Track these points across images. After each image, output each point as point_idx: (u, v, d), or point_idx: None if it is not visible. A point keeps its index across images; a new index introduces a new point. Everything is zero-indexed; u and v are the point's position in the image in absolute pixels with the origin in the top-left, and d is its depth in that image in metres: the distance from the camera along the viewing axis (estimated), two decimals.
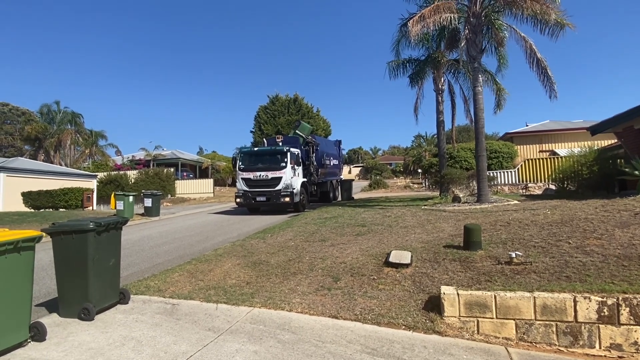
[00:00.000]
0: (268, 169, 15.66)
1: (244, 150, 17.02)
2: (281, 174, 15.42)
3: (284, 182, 15.34)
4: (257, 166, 16.05)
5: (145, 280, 5.95)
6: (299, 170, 16.54)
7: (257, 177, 15.72)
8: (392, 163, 69.33)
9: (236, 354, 3.54)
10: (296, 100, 41.11)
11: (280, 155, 15.84)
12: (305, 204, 16.66)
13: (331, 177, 21.40)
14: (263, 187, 15.59)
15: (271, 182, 15.46)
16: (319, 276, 5.74)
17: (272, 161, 15.92)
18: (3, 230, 3.89)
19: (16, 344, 3.72)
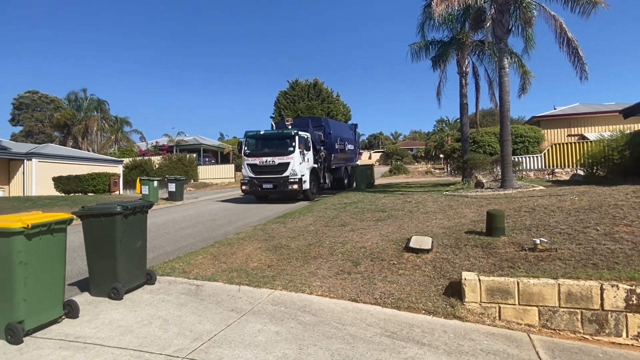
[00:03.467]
0: (275, 154, 14.60)
1: (250, 134, 15.51)
2: (289, 159, 14.32)
3: (291, 168, 14.23)
4: (263, 151, 15.09)
5: (170, 262, 6.14)
6: (309, 156, 15.33)
7: (263, 163, 14.66)
8: (413, 148, 68.44)
9: (259, 334, 3.64)
10: (316, 85, 40.80)
11: (288, 139, 14.67)
12: (315, 192, 15.73)
13: (346, 163, 20.09)
14: (270, 173, 14.55)
15: (278, 168, 14.40)
16: (339, 260, 5.79)
17: (280, 146, 14.82)
18: (37, 213, 4.07)
19: (51, 320, 3.93)
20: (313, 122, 17.75)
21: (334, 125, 18.90)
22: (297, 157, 14.42)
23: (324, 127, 17.60)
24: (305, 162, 14.89)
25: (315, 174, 15.80)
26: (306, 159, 15.02)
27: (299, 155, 14.48)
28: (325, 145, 17.19)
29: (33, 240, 3.64)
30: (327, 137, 17.38)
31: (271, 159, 14.60)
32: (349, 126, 23.14)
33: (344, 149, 19.37)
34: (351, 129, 22.43)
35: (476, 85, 17.91)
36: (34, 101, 51.25)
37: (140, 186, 16.86)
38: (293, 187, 14.23)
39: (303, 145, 14.78)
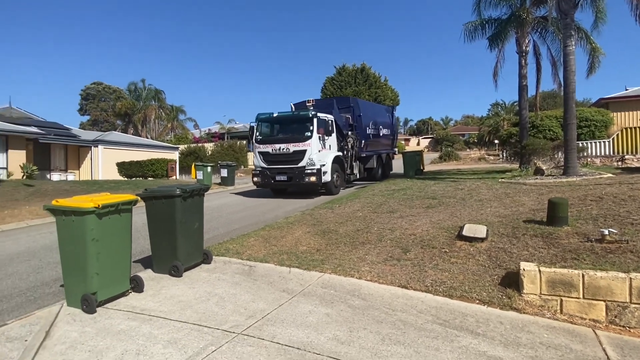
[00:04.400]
0: (289, 141, 12.41)
1: (262, 117, 13.23)
2: (305, 146, 12.13)
3: (308, 157, 12.06)
4: (276, 137, 13.05)
5: (224, 243, 6.41)
6: (331, 142, 13.19)
7: (276, 151, 12.56)
8: (465, 134, 65.73)
9: (309, 314, 3.72)
10: (363, 70, 40.14)
11: (305, 122, 12.42)
12: (340, 184, 13.46)
13: (380, 150, 17.61)
14: (283, 163, 12.46)
15: (293, 157, 12.24)
16: (388, 247, 5.73)
17: (295, 130, 12.69)
18: (106, 195, 4.40)
19: (120, 294, 4.26)
20: (339, 102, 15.36)
21: (365, 107, 16.51)
22: (316, 144, 12.21)
23: (352, 109, 15.18)
24: (325, 149, 12.71)
25: (339, 164, 13.59)
26: (327, 146, 12.87)
27: (317, 142, 12.26)
28: (355, 130, 14.96)
29: (103, 219, 3.94)
30: (357, 120, 15.10)
31: (285, 146, 12.43)
32: (384, 108, 20.29)
33: (377, 134, 17.15)
34: (387, 112, 19.66)
35: (537, 65, 16.69)
36: (98, 92, 55.00)
37: (195, 171, 17.70)
38: (310, 179, 11.99)
39: (323, 130, 12.51)
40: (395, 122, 20.75)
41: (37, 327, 3.59)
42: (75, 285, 3.99)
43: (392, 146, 19.79)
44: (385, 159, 18.43)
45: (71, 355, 3.10)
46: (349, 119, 14.90)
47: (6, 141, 18.72)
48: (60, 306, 4.06)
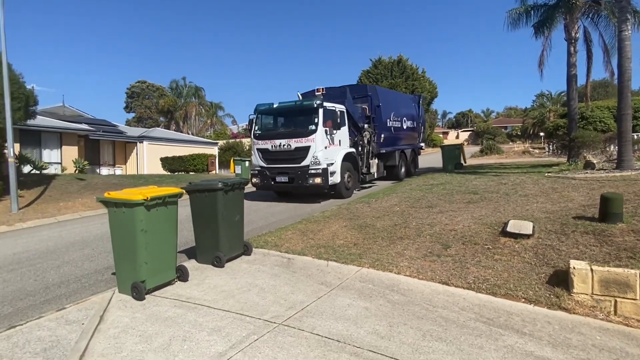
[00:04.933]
0: (291, 135, 10.60)
1: (261, 108, 11.53)
2: (309, 141, 10.26)
3: (312, 155, 10.20)
4: (276, 131, 11.31)
5: (263, 236, 6.54)
6: (342, 136, 11.25)
7: (276, 148, 10.73)
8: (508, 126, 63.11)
9: (348, 308, 3.73)
10: (400, 62, 39.39)
11: (309, 114, 10.53)
12: (352, 186, 11.62)
13: (403, 145, 15.66)
14: (284, 161, 10.63)
15: (295, 155, 10.43)
16: (427, 242, 5.63)
17: (298, 123, 10.91)
18: (153, 188, 4.60)
19: (166, 282, 4.46)
20: (354, 91, 13.27)
21: (385, 96, 14.41)
22: (321, 139, 10.32)
23: (370, 98, 13.21)
24: (334, 145, 10.84)
25: (352, 162, 11.66)
26: (337, 141, 10.98)
27: (323, 136, 10.41)
28: (373, 122, 13.13)
29: (151, 211, 4.13)
30: (375, 111, 13.26)
31: (286, 142, 10.57)
32: (410, 98, 18.13)
33: (400, 127, 15.19)
34: (413, 102, 17.57)
35: (588, 53, 15.71)
36: (142, 90, 57.41)
37: (234, 166, 18.15)
38: (315, 180, 10.12)
39: (331, 122, 10.64)
40: (423, 113, 18.55)
41: (92, 312, 3.83)
42: (125, 273, 4.22)
43: (419, 140, 17.86)
44: (409, 155, 16.46)
45: (123, 339, 3.28)
46: (366, 109, 13.04)
47: (60, 138, 20.01)
48: (112, 293, 4.31)
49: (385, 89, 16.59)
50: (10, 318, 4.04)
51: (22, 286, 5.02)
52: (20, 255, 6.60)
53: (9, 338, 3.35)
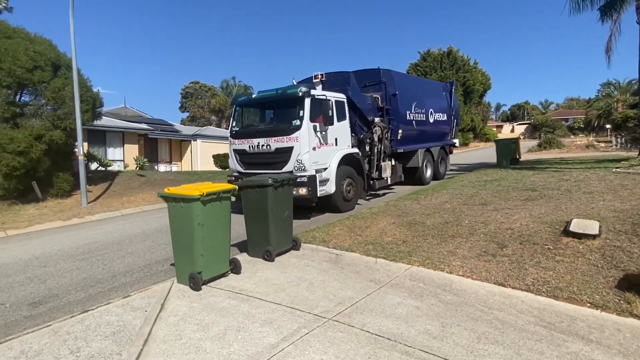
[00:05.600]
0: (270, 133, 8.48)
1: (239, 100, 9.57)
2: (291, 141, 8.12)
3: (296, 158, 8.05)
4: (255, 129, 9.15)
5: (311, 232, 6.62)
6: (340, 133, 8.93)
7: (254, 149, 8.65)
8: (569, 118, 58.94)
9: (398, 306, 3.68)
10: (450, 54, 38.08)
11: (292, 105, 8.39)
12: (354, 195, 9.23)
13: (429, 142, 12.96)
14: (264, 166, 8.46)
15: (276, 158, 8.34)
16: (481, 241, 5.41)
17: (280, 118, 9.02)
18: (208, 184, 4.81)
19: (220, 274, 4.65)
20: (363, 76, 10.85)
21: (404, 82, 11.93)
22: (307, 138, 8.05)
23: (384, 85, 10.74)
24: (326, 145, 8.53)
25: (354, 165, 9.34)
26: (331, 140, 8.65)
27: (310, 134, 8.12)
28: (388, 115, 10.70)
29: (207, 206, 4.32)
30: (391, 101, 10.79)
31: (265, 142, 8.45)
32: (439, 85, 15.21)
33: (425, 121, 12.62)
34: (444, 90, 14.71)
35: None
36: (196, 90, 59.99)
37: None
38: (299, 191, 7.75)
39: (322, 116, 8.38)
40: (456, 103, 15.68)
41: (154, 300, 4.08)
42: (183, 264, 4.46)
43: (451, 136, 14.99)
44: (437, 154, 13.67)
45: (182, 327, 3.47)
46: (378, 99, 10.63)
47: (122, 137, 21.46)
48: (171, 283, 4.57)
49: (404, 73, 12.75)
50: (84, 303, 4.42)
51: (92, 274, 5.47)
52: (90, 245, 7.18)
53: (82, 321, 3.66)
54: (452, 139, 15.21)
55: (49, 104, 12.14)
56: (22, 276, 5.54)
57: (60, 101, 12.01)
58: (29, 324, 3.93)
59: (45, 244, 7.47)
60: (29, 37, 12.22)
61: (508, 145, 16.90)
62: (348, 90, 9.51)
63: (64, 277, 5.40)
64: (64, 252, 6.80)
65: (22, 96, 12.57)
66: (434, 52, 38.52)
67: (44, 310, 4.32)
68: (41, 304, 4.51)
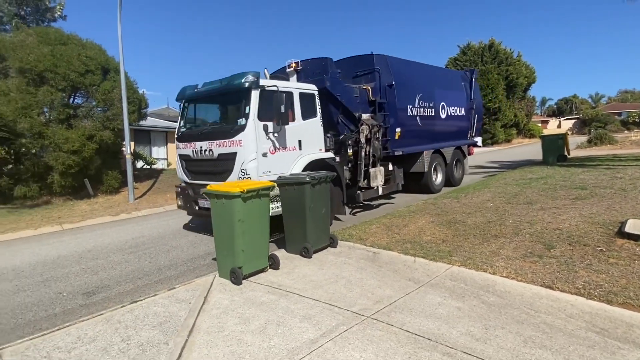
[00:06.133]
0: (213, 136, 6.83)
1: (185, 94, 7.67)
2: (234, 146, 6.45)
3: (240, 167, 6.40)
4: (199, 129, 7.36)
5: (348, 229, 6.61)
6: (306, 134, 7.22)
7: (197, 155, 7.08)
8: (623, 112, 55.23)
9: (439, 306, 3.60)
10: (491, 47, 36.66)
11: (238, 99, 6.67)
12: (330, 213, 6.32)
13: (439, 142, 10.84)
14: (209, 176, 6.90)
15: (219, 166, 6.74)
16: (527, 242, 5.19)
17: (225, 115, 7.46)
18: (248, 181, 4.93)
19: (259, 270, 4.75)
20: (351, 65, 9.22)
21: (404, 70, 9.64)
22: (253, 141, 6.32)
23: (377, 75, 8.95)
24: (285, 149, 6.79)
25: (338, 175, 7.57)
26: (292, 143, 6.91)
27: (259, 136, 6.37)
28: (383, 110, 8.90)
29: (247, 203, 4.42)
30: (386, 94, 8.97)
31: (208, 146, 6.85)
32: (456, 74, 12.98)
33: (434, 117, 10.51)
34: (463, 79, 12.48)
35: None
36: None
37: None
38: None
39: (278, 112, 6.40)
40: (478, 95, 13.23)
41: (197, 293, 4.24)
42: (225, 259, 4.59)
43: (471, 134, 12.72)
44: (451, 156, 11.43)
45: (224, 319, 3.58)
46: (369, 91, 8.81)
47: (166, 136, 22.36)
48: (213, 276, 4.72)
49: (405, 60, 10.08)
50: (132, 294, 4.67)
51: (139, 267, 5.76)
52: (137, 239, 7.55)
53: (132, 311, 3.86)
54: (473, 137, 12.86)
55: (99, 105, 12.90)
56: (77, 267, 5.93)
57: (109, 103, 12.73)
58: (84, 312, 4.20)
59: (97, 238, 7.95)
60: (81, 43, 13.02)
61: (555, 141, 16.04)
62: (325, 81, 7.66)
63: (114, 269, 5.72)
64: (113, 245, 7.20)
65: (75, 98, 13.43)
66: (474, 46, 37.21)
67: (97, 300, 4.60)
68: (94, 294, 4.81)
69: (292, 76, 7.97)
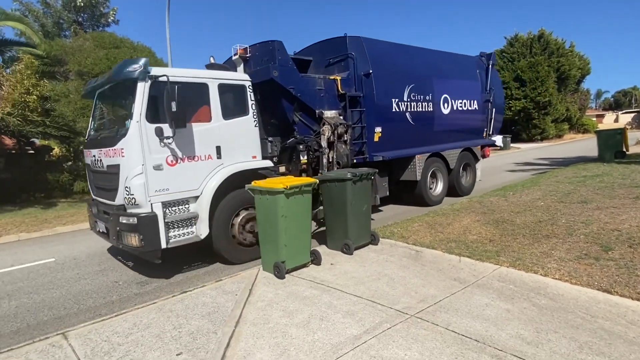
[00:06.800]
0: (102, 143, 5.47)
1: (87, 88, 6.16)
2: (116, 156, 4.97)
3: (125, 183, 4.85)
4: (97, 134, 6.00)
5: (389, 227, 6.54)
6: (231, 137, 5.55)
7: (95, 165, 5.64)
8: None
9: (486, 307, 3.50)
10: (541, 37, 34.69)
11: (125, 94, 5.21)
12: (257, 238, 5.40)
13: (436, 145, 8.81)
14: (103, 192, 5.58)
15: (108, 182, 5.31)
16: (581, 243, 4.91)
17: (116, 116, 6.01)
18: (291, 178, 5.02)
19: (301, 265, 4.82)
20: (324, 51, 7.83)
21: (385, 56, 7.77)
22: (138, 150, 4.77)
23: (352, 62, 7.36)
24: (189, 159, 5.15)
25: None
26: (203, 150, 5.29)
27: (147, 142, 4.81)
28: (358, 105, 7.34)
29: (290, 199, 4.50)
30: (362, 86, 7.31)
31: (98, 155, 5.49)
32: (468, 60, 10.21)
33: (431, 112, 8.58)
34: (478, 66, 10.20)
35: None
36: None
37: None
38: (128, 240, 4.87)
39: (167, 114, 4.77)
40: (498, 85, 10.94)
41: (243, 285, 4.37)
42: (268, 253, 4.71)
43: (486, 133, 10.45)
44: (458, 160, 9.37)
45: (269, 312, 3.67)
46: (337, 82, 7.10)
47: None
48: (257, 270, 4.85)
49: (388, 42, 8.19)
50: (182, 285, 4.90)
51: (188, 259, 6.01)
52: None
53: (182, 300, 4.05)
54: (490, 136, 10.56)
55: None
56: (130, 258, 6.29)
57: None
58: (138, 300, 4.46)
59: None
60: (133, 45, 13.74)
61: (612, 136, 14.92)
62: (272, 70, 6.05)
63: (164, 261, 6.00)
64: None
65: None
66: (522, 37, 35.35)
67: (150, 289, 4.87)
68: (147, 284, 5.09)
69: (239, 65, 6.66)
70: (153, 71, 4.90)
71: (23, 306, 4.57)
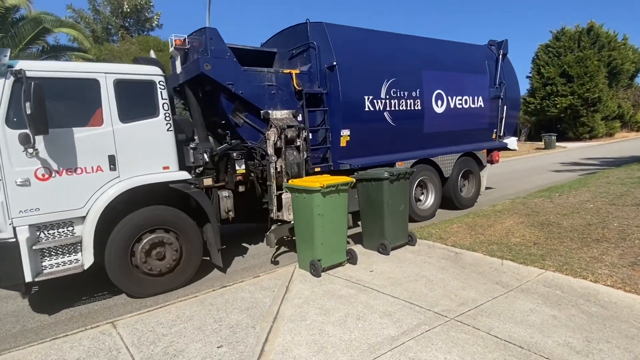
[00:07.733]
0: None
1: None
2: None
3: None
4: None
5: (426, 227, 6.41)
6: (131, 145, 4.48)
7: None
8: None
9: (531, 313, 3.35)
10: (590, 30, 32.73)
11: None
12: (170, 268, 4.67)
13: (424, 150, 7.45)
14: None
15: None
16: (636, 248, 4.61)
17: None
18: (327, 176, 5.02)
19: (337, 263, 4.83)
20: (286, 41, 6.87)
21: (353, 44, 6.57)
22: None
23: (314, 53, 6.29)
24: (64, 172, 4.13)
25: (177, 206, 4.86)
26: (92, 161, 4.30)
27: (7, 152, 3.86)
28: (321, 104, 6.32)
29: (326, 197, 4.51)
30: (326, 80, 6.24)
31: None
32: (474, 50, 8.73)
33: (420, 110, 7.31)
34: (487, 57, 8.72)
35: None
36: None
37: None
38: None
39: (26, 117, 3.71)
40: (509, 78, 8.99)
41: (280, 282, 4.44)
42: (305, 251, 4.75)
43: (496, 134, 8.89)
44: (454, 168, 7.95)
45: (306, 309, 3.71)
46: (292, 77, 6.13)
47: None
48: (293, 267, 4.90)
49: (359, 29, 6.94)
50: (221, 279, 5.03)
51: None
52: None
53: (222, 295, 4.17)
54: (502, 137, 9.00)
55: None
56: None
57: None
58: (181, 294, 4.62)
59: None
60: None
61: None
62: (202, 63, 5.28)
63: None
64: None
65: None
66: (569, 30, 33.48)
67: (191, 283, 5.04)
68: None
69: (177, 58, 5.96)
70: (18, 65, 3.93)
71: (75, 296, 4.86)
